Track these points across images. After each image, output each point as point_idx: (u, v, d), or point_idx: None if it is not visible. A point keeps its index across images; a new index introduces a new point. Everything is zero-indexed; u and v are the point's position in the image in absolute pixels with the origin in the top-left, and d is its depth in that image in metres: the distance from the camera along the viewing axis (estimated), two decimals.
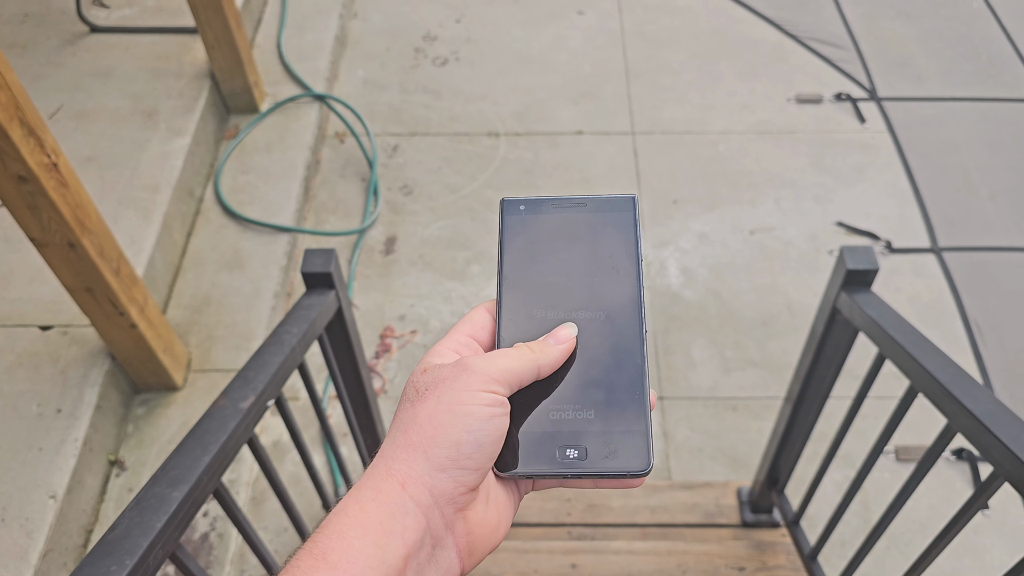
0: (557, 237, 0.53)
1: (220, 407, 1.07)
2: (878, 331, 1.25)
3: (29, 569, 1.92)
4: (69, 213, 1.86)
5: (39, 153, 1.75)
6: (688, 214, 3.13)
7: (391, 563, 0.43)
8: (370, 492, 0.46)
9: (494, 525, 0.49)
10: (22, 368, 2.28)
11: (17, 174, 1.74)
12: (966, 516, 1.16)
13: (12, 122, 1.65)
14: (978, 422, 1.02)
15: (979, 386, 1.08)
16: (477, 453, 0.47)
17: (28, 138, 1.71)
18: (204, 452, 0.98)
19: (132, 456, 2.32)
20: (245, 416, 1.08)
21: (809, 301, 2.85)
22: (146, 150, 2.83)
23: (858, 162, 3.30)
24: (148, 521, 0.88)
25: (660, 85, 3.61)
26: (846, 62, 3.70)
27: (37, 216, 1.84)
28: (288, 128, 3.20)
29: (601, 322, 0.51)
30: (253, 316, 2.63)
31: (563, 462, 0.49)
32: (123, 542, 0.85)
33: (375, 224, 3.09)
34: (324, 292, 1.42)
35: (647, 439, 0.48)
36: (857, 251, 1.37)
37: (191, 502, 0.94)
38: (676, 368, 2.70)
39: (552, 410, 0.51)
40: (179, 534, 0.93)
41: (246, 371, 1.15)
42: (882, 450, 1.45)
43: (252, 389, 1.11)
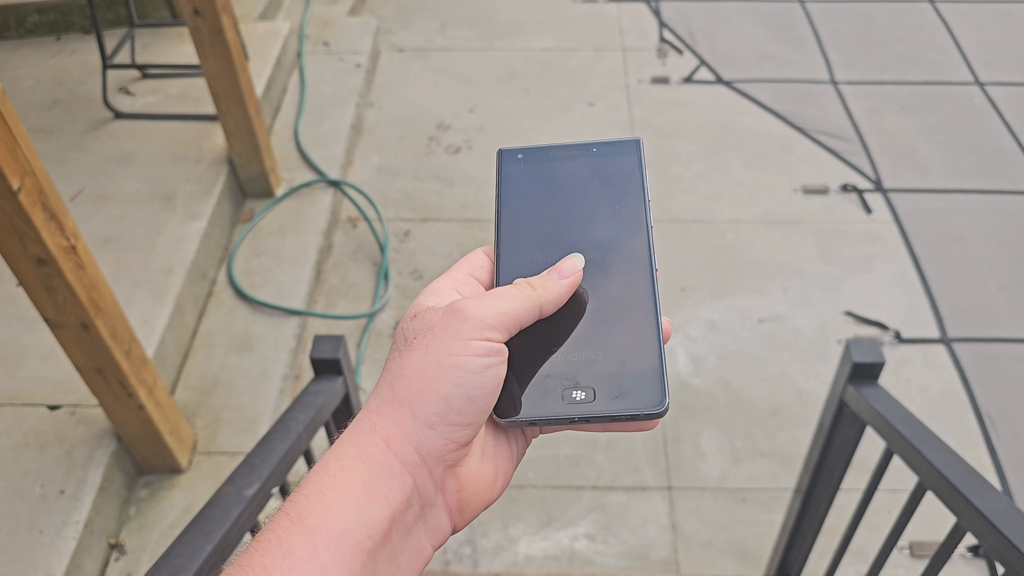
0: (559, 181, 0.50)
1: (224, 495, 1.06)
2: (885, 426, 1.24)
3: None
4: (84, 295, 1.89)
5: (59, 236, 1.79)
6: (696, 302, 3.14)
7: (374, 525, 0.40)
8: (352, 449, 0.42)
9: (490, 480, 0.46)
10: (28, 448, 2.27)
11: (36, 256, 1.77)
12: None
13: (35, 207, 1.70)
14: (987, 521, 1.00)
15: (988, 484, 1.07)
16: (468, 408, 0.42)
17: (49, 222, 1.75)
18: (206, 541, 0.97)
19: (133, 540, 2.29)
20: (249, 504, 1.07)
21: (818, 391, 2.83)
22: (163, 233, 2.88)
23: (865, 252, 3.33)
24: None
25: (669, 175, 3.67)
26: (851, 154, 3.77)
27: (53, 297, 1.87)
28: (302, 213, 3.26)
29: (607, 260, 0.47)
30: (260, 399, 2.63)
31: (570, 405, 0.44)
32: None
33: (385, 308, 3.11)
34: (332, 378, 1.43)
35: (661, 376, 0.45)
36: (863, 344, 1.37)
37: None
38: (685, 458, 2.67)
39: (557, 351, 0.46)
40: None
41: (251, 458, 1.15)
42: (894, 547, 1.42)
43: (257, 476, 1.11)
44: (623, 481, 2.61)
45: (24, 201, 1.64)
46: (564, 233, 0.49)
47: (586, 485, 2.60)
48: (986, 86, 4.14)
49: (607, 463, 2.65)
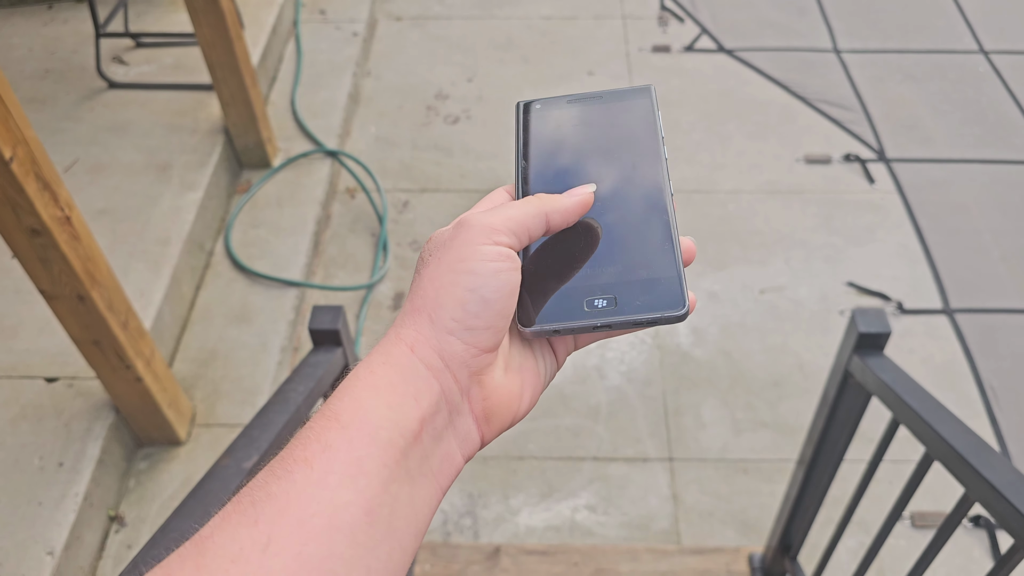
0: (577, 125, 0.53)
1: (223, 467, 1.05)
2: (892, 396, 1.23)
3: None
4: (80, 266, 1.87)
5: (53, 207, 1.76)
6: (698, 273, 3.12)
7: (405, 425, 0.42)
8: (380, 356, 0.44)
9: (516, 392, 0.47)
10: (26, 420, 2.26)
11: (30, 227, 1.75)
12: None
13: (28, 177, 1.67)
14: (996, 492, 0.99)
15: (997, 455, 1.06)
16: (485, 311, 0.44)
17: (43, 192, 1.72)
18: (205, 514, 0.95)
19: (132, 512, 2.29)
20: (248, 476, 1.05)
21: (820, 362, 2.82)
22: (158, 204, 2.85)
23: (868, 223, 3.30)
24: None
25: (670, 145, 3.62)
26: (854, 123, 3.73)
27: (48, 269, 1.84)
28: (299, 183, 3.23)
29: (626, 189, 0.50)
30: (259, 371, 2.61)
31: (593, 312, 0.46)
32: None
33: (384, 279, 3.09)
34: (331, 349, 1.41)
35: (680, 281, 0.46)
36: (869, 314, 1.35)
37: None
38: (686, 428, 2.66)
39: (580, 266, 0.49)
40: None
41: (250, 430, 1.13)
42: (898, 517, 1.42)
43: (256, 449, 1.09)
44: (624, 452, 2.61)
45: (17, 171, 1.62)
46: (585, 169, 0.51)
47: (587, 456, 2.60)
48: (991, 54, 4.09)
49: (608, 434, 2.65)
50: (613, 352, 2.87)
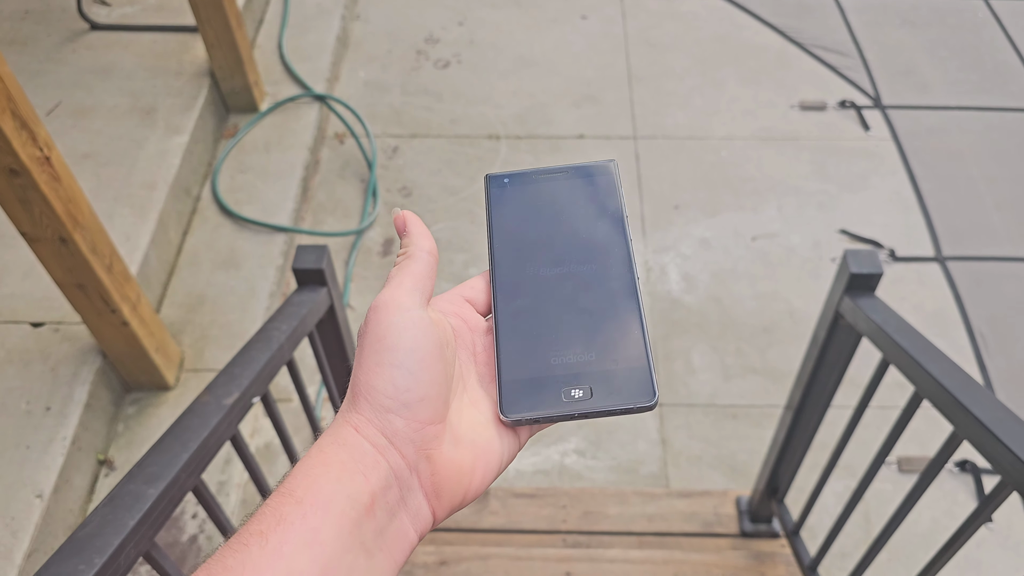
0: (543, 203, 0.54)
1: (203, 403, 1.03)
2: (882, 336, 1.21)
3: (13, 569, 1.88)
4: (61, 208, 1.83)
5: (31, 146, 1.72)
6: (689, 219, 3.10)
7: (356, 498, 0.43)
8: (329, 438, 0.46)
9: (467, 467, 0.47)
10: (12, 365, 2.25)
11: (8, 167, 1.71)
12: (972, 527, 1.12)
13: (4, 114, 1.63)
14: (986, 430, 0.98)
15: (987, 393, 1.05)
16: (415, 383, 0.45)
17: (20, 131, 1.68)
18: (183, 449, 0.94)
19: (122, 456, 2.29)
20: (228, 413, 1.04)
21: (811, 309, 2.82)
22: (144, 148, 2.80)
23: (862, 170, 3.27)
24: (121, 519, 0.84)
25: (663, 90, 3.58)
26: (850, 69, 3.68)
27: (28, 210, 1.81)
28: (288, 128, 3.18)
29: (593, 272, 0.52)
30: (248, 316, 2.60)
31: (570, 403, 0.48)
32: (93, 540, 0.82)
33: (373, 225, 3.06)
34: (315, 289, 1.39)
35: (650, 373, 0.48)
36: (861, 255, 1.33)
37: (167, 500, 0.90)
38: (676, 375, 2.67)
39: (553, 355, 0.50)
40: (154, 532, 0.89)
41: (231, 367, 1.12)
42: (884, 460, 1.42)
43: (237, 386, 1.08)
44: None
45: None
46: (553, 249, 0.53)
47: None
48: (991, 0, 4.03)
49: None
50: None
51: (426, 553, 2.12)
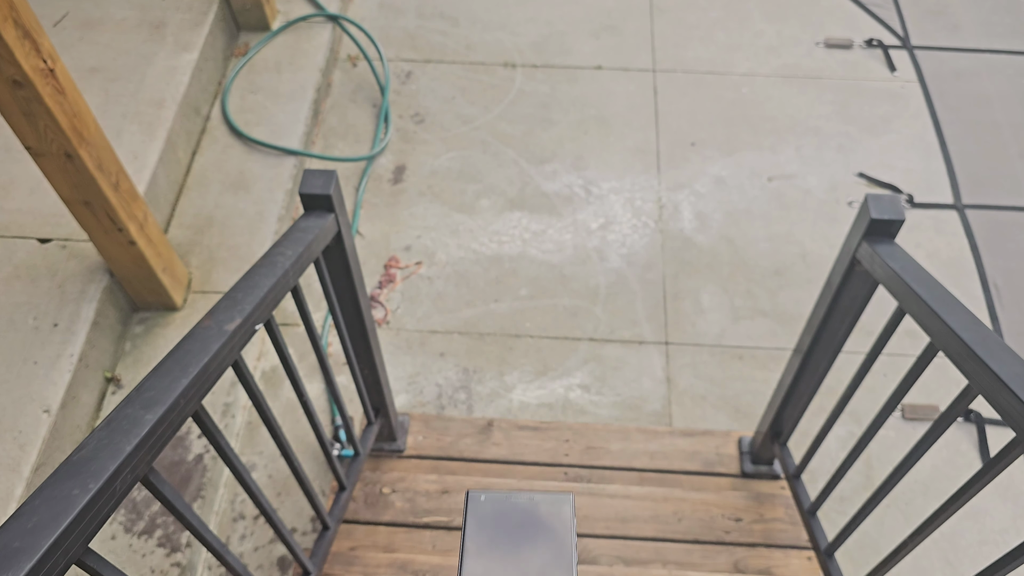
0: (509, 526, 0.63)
1: (204, 328, 1.02)
2: (900, 284, 1.19)
3: (21, 482, 1.91)
4: (66, 122, 1.80)
5: (35, 57, 1.68)
6: (706, 157, 3.04)
7: None
8: None
9: None
10: (19, 280, 2.24)
11: (12, 78, 1.67)
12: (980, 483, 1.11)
13: (6, 23, 1.58)
14: (1003, 385, 0.96)
15: (1005, 347, 1.03)
16: None
17: (23, 40, 1.64)
18: (183, 374, 0.93)
19: (129, 374, 2.30)
20: (230, 339, 1.03)
21: (825, 252, 2.78)
22: (152, 64, 2.74)
23: (885, 112, 3.19)
24: (117, 443, 0.84)
25: (685, 23, 3.48)
26: (880, 7, 3.56)
27: (33, 124, 1.78)
28: (299, 48, 3.11)
29: None
30: (256, 239, 2.58)
31: None
32: (89, 464, 0.81)
33: (385, 152, 3.02)
34: (323, 215, 1.37)
35: None
36: (883, 200, 1.29)
37: (165, 425, 0.90)
38: (684, 314, 2.65)
39: None
40: (151, 457, 0.88)
41: (234, 292, 1.10)
42: (893, 409, 1.40)
43: (239, 311, 1.06)
44: (621, 334, 2.60)
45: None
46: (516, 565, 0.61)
47: (583, 337, 2.59)
48: None
49: (605, 316, 2.64)
50: (615, 235, 2.82)
51: (428, 481, 2.14)
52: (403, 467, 2.20)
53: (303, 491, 1.51)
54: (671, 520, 2.06)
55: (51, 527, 0.77)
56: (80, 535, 0.80)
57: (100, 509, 0.83)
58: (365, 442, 1.98)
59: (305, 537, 2.15)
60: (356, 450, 1.94)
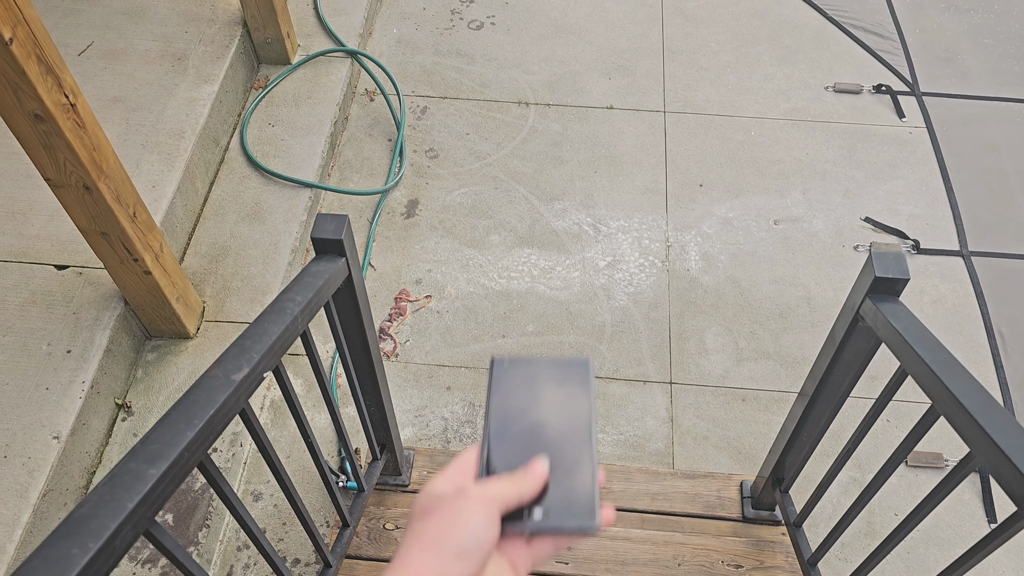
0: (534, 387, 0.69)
1: (211, 377, 1.04)
2: (902, 345, 1.21)
3: (28, 507, 1.93)
4: (86, 156, 1.84)
5: (56, 92, 1.72)
6: (713, 198, 3.07)
7: None
8: None
9: None
10: (35, 306, 2.28)
11: (33, 112, 1.71)
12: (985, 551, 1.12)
13: (29, 59, 1.62)
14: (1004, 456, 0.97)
15: (1007, 415, 1.04)
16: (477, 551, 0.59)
17: (46, 76, 1.68)
18: (188, 427, 0.95)
19: (140, 401, 2.33)
20: (237, 388, 1.05)
21: (830, 296, 2.80)
22: (173, 95, 2.80)
23: (892, 157, 3.22)
24: (119, 499, 0.85)
25: (696, 65, 3.53)
26: (889, 53, 3.61)
27: (53, 157, 1.82)
28: (318, 82, 3.16)
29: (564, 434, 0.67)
30: (270, 270, 2.62)
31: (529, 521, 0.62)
32: (88, 522, 0.82)
33: (399, 185, 3.06)
34: (334, 259, 1.40)
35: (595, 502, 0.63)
36: (887, 257, 1.32)
37: (169, 479, 0.91)
38: (688, 354, 2.67)
39: None
40: (154, 512, 0.89)
41: (243, 340, 1.12)
42: (895, 469, 1.42)
43: (247, 360, 1.08)
44: (625, 373, 2.62)
45: (17, 52, 1.57)
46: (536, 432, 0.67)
47: None
48: None
49: (611, 354, 2.66)
50: (622, 273, 2.85)
51: None
52: (407, 502, 2.21)
53: (306, 531, 1.52)
54: (671, 564, 2.07)
55: None
56: None
57: (99, 568, 0.83)
58: (370, 478, 2.00)
59: (309, 568, 2.16)
60: (360, 486, 1.96)
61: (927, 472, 2.42)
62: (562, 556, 2.07)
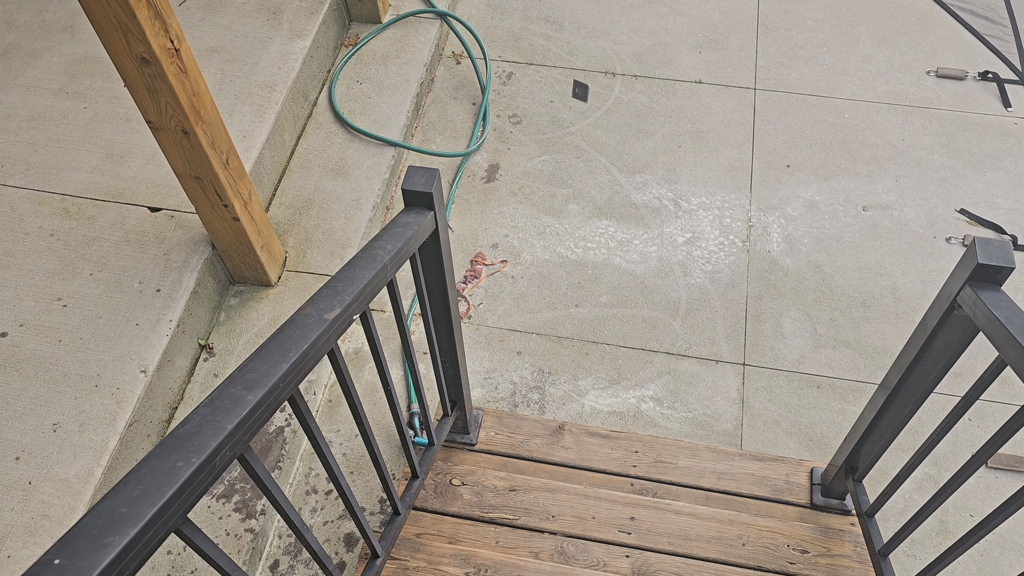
0: None
1: (305, 315, 1.07)
2: (1004, 335, 1.16)
3: (115, 436, 2.02)
4: (186, 100, 1.89)
5: (163, 37, 1.77)
6: (800, 180, 3.00)
7: None
8: None
9: None
10: (129, 245, 2.36)
11: (140, 55, 1.76)
12: None
13: (140, 3, 1.67)
14: None
15: None
16: None
17: (154, 20, 1.73)
18: (283, 359, 0.98)
19: (221, 343, 2.40)
20: (329, 328, 1.07)
21: (917, 288, 2.72)
22: (267, 48, 2.85)
23: (994, 148, 3.09)
24: (219, 421, 0.89)
25: (791, 42, 3.43)
26: (999, 39, 3.45)
27: (155, 100, 1.87)
28: (407, 43, 3.18)
29: None
30: (351, 225, 2.66)
31: None
32: (192, 439, 0.86)
33: (480, 150, 3.07)
34: (423, 212, 1.41)
35: None
36: (992, 245, 1.27)
37: (264, 407, 0.94)
38: (764, 336, 2.62)
39: None
40: (249, 437, 0.93)
41: (335, 282, 1.15)
42: (977, 468, 1.37)
43: (339, 301, 1.11)
44: (698, 351, 2.59)
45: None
46: None
47: (660, 350, 2.59)
48: None
49: (684, 331, 2.63)
50: (700, 250, 2.81)
51: (497, 477, 2.17)
52: (473, 460, 2.24)
53: (379, 477, 1.56)
54: (735, 543, 2.05)
55: (156, 496, 0.81)
56: (181, 506, 0.85)
57: (200, 483, 0.87)
58: (440, 433, 2.03)
59: (372, 517, 2.21)
60: (431, 440, 1.99)
61: (1008, 475, 2.34)
62: (625, 527, 2.08)
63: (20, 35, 2.90)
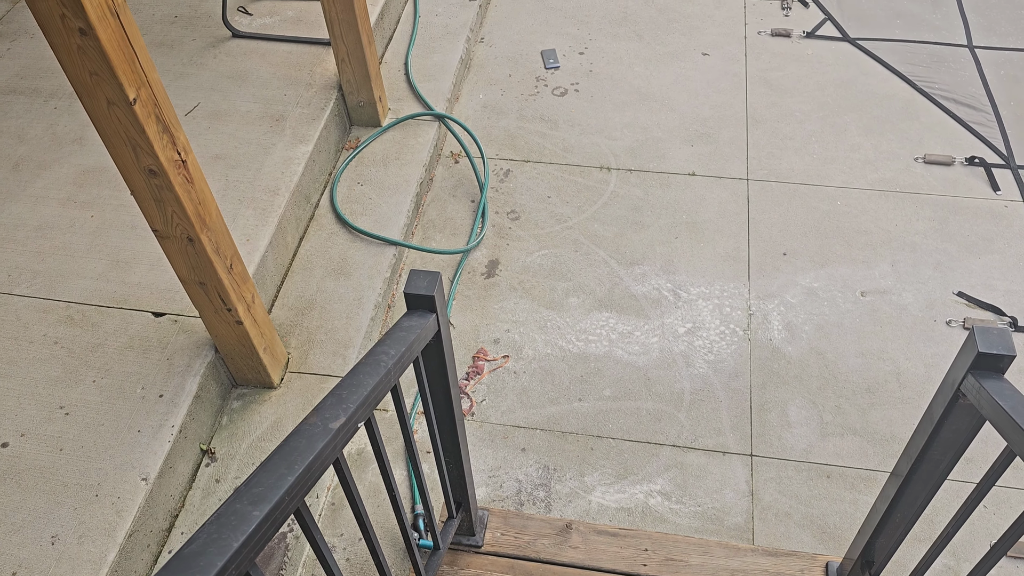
0: None
1: (310, 425, 1.07)
2: (1011, 425, 1.16)
3: (114, 547, 1.98)
4: (192, 209, 1.93)
5: (170, 149, 1.82)
6: (797, 268, 3.03)
7: None
8: None
9: None
10: (132, 351, 2.37)
11: (148, 167, 1.81)
12: None
13: (150, 119, 1.73)
14: None
15: None
16: None
17: (163, 135, 1.78)
18: (289, 471, 0.98)
19: (223, 448, 2.38)
20: (334, 437, 1.07)
21: (920, 372, 2.71)
22: (271, 153, 2.92)
23: (987, 231, 3.13)
24: (225, 539, 0.88)
25: (780, 134, 3.52)
26: (982, 125, 3.53)
27: (162, 209, 1.92)
28: (406, 144, 3.26)
29: None
30: (353, 324, 2.67)
31: None
32: (198, 559, 0.85)
33: (480, 246, 3.11)
34: (425, 315, 1.43)
35: None
36: (991, 333, 1.28)
37: (271, 522, 0.93)
38: (770, 426, 2.60)
39: None
40: (255, 554, 0.92)
41: (339, 390, 1.15)
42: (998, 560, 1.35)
43: (343, 410, 1.11)
44: (704, 442, 2.57)
45: (139, 112, 1.67)
46: None
47: (666, 442, 2.57)
48: None
49: (689, 422, 2.61)
50: (702, 340, 2.82)
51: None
52: (480, 564, 2.19)
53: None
54: None
55: None
56: None
57: None
58: (445, 536, 1.99)
59: None
60: (436, 543, 1.95)
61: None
62: None
63: (31, 148, 2.98)
